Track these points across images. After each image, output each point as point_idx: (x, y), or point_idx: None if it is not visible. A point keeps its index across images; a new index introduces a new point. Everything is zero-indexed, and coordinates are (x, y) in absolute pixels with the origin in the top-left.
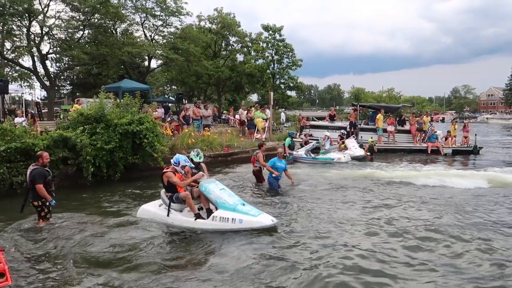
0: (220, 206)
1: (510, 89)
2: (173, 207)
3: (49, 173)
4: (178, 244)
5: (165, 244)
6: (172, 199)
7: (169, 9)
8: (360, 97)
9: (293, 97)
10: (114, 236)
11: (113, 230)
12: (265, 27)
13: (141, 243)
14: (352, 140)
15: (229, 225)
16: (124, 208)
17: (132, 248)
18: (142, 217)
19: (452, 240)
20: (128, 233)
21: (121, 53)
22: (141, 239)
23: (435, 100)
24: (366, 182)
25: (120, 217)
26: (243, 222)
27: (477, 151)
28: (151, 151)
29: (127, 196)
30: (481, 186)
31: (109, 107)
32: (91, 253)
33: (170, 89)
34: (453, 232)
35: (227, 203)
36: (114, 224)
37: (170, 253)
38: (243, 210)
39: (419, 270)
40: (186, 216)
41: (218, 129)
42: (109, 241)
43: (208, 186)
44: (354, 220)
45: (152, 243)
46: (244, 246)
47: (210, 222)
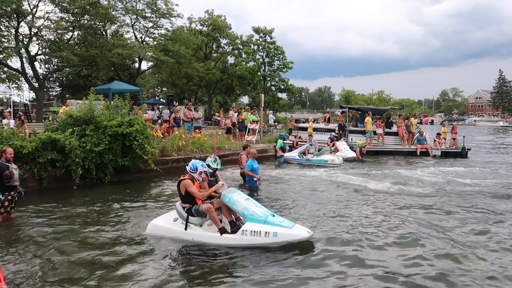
0: (249, 219)
1: (497, 92)
2: (192, 221)
3: (8, 167)
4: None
5: (177, 262)
6: (190, 211)
7: (160, 11)
8: (351, 100)
9: (283, 99)
10: (100, 243)
11: (101, 235)
12: (256, 30)
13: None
14: (343, 142)
15: (262, 239)
16: (114, 212)
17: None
18: (153, 234)
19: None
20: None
21: (111, 54)
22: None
23: (424, 103)
24: (332, 186)
25: (109, 224)
26: (278, 235)
27: (465, 152)
28: (141, 153)
29: (117, 198)
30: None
31: (98, 109)
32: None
33: (161, 91)
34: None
35: (256, 215)
36: (101, 229)
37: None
38: (275, 221)
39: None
40: (208, 231)
41: (208, 131)
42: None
43: (232, 196)
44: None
45: (155, 258)
46: (274, 265)
47: (239, 237)
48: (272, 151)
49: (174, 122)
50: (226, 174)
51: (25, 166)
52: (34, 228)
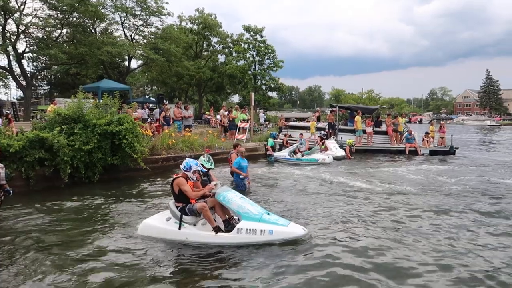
0: (244, 217)
1: (484, 91)
2: (186, 220)
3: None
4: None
5: (171, 261)
6: (184, 210)
7: (150, 9)
8: (340, 99)
9: (274, 98)
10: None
11: (90, 236)
12: (247, 28)
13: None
14: (332, 141)
15: (257, 237)
16: (104, 212)
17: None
18: (145, 234)
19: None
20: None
21: (100, 52)
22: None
23: (413, 102)
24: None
25: (99, 223)
26: (274, 233)
27: (453, 151)
28: (130, 152)
29: (106, 198)
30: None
31: (87, 107)
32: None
33: (151, 89)
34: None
35: (251, 213)
36: (91, 229)
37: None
38: (271, 219)
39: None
40: (202, 230)
41: (199, 130)
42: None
43: (227, 195)
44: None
45: (150, 258)
46: (271, 260)
47: (235, 235)
48: (263, 150)
49: (164, 120)
50: (215, 173)
51: (12, 165)
52: (21, 228)
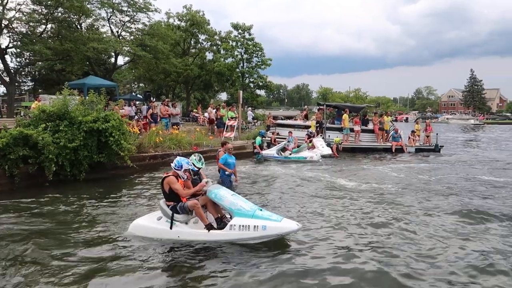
0: (236, 214)
1: (469, 90)
2: (177, 219)
3: None
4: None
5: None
6: (175, 209)
7: (137, 5)
8: (328, 97)
9: (262, 96)
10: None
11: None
12: (235, 26)
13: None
14: (320, 139)
15: (250, 233)
16: (91, 211)
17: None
18: (136, 234)
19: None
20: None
21: (86, 49)
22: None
23: (399, 101)
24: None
25: (86, 223)
26: (267, 228)
27: (438, 149)
28: (117, 150)
29: (93, 196)
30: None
31: (73, 104)
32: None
33: (138, 86)
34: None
35: (244, 209)
36: (77, 228)
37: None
38: (263, 215)
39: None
40: (194, 228)
41: (186, 128)
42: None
43: (219, 192)
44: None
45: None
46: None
47: (228, 232)
48: (251, 148)
49: (151, 118)
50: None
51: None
52: (4, 227)
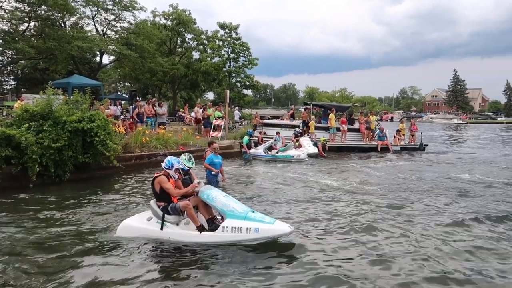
0: (228, 215)
1: (452, 90)
2: (168, 220)
3: None
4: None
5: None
6: (166, 210)
7: (122, 3)
8: (314, 97)
9: (249, 96)
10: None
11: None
12: (221, 25)
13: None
14: (306, 138)
15: (243, 235)
16: (77, 212)
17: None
18: (125, 235)
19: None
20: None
21: (70, 47)
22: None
23: (384, 100)
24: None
25: (72, 225)
26: (260, 231)
27: (423, 148)
28: (103, 150)
29: (78, 197)
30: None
31: (57, 103)
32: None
33: (123, 86)
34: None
35: (236, 211)
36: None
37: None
38: (256, 217)
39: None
40: (185, 229)
41: (173, 127)
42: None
43: (211, 193)
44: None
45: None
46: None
47: (220, 234)
48: (238, 147)
49: (137, 118)
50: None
51: None
52: None
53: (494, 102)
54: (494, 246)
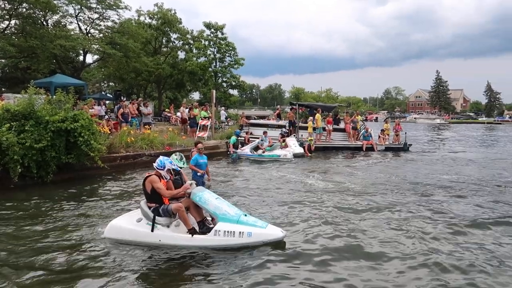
0: (221, 219)
1: (435, 91)
2: (159, 222)
3: None
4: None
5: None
6: (157, 211)
7: (106, 2)
8: (300, 97)
9: (235, 96)
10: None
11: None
12: (207, 25)
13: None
14: (292, 138)
15: (236, 240)
16: (61, 214)
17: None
18: (113, 237)
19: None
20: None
21: (53, 46)
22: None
23: (369, 101)
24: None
25: (56, 227)
26: (253, 235)
27: (407, 148)
28: (87, 150)
29: (62, 199)
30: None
31: (39, 103)
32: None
33: (108, 85)
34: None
35: (229, 214)
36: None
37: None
38: (249, 221)
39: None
40: (176, 231)
41: (159, 128)
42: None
43: (203, 195)
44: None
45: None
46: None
47: (212, 237)
48: (224, 148)
49: (122, 117)
50: None
51: None
52: None
53: (475, 103)
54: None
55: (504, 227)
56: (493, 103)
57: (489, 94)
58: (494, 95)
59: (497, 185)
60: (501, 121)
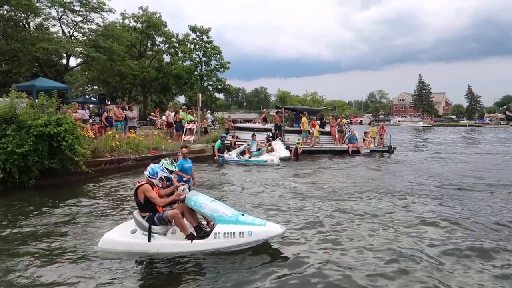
0: (219, 221)
1: (418, 94)
2: (155, 230)
3: None
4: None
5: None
6: (152, 220)
7: (90, 5)
8: (286, 100)
9: (221, 99)
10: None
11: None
12: (193, 28)
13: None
14: (278, 142)
15: (236, 240)
16: (46, 222)
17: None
18: (108, 249)
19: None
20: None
21: (35, 49)
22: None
23: (354, 104)
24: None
25: (42, 238)
26: (253, 234)
27: (391, 150)
28: (71, 155)
29: (46, 205)
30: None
31: (21, 107)
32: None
33: (92, 89)
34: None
35: (227, 215)
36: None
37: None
38: (247, 220)
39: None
40: (173, 239)
41: (144, 131)
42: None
43: (198, 198)
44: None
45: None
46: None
47: (212, 241)
48: (210, 151)
49: (106, 121)
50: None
51: None
52: None
53: (457, 106)
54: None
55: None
56: (474, 106)
57: (470, 98)
58: (475, 99)
59: (477, 186)
60: (481, 124)
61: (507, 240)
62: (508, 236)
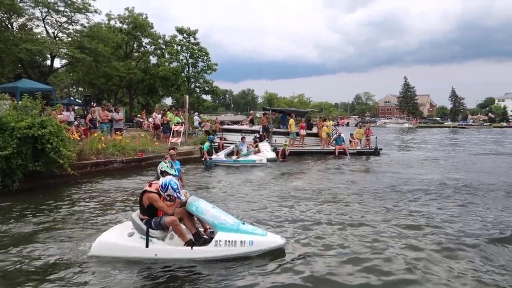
0: (220, 228)
1: (403, 96)
2: (154, 235)
3: None
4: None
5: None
6: (149, 224)
7: (75, 5)
8: (273, 102)
9: (208, 101)
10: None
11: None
12: (179, 30)
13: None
14: (265, 144)
15: (238, 249)
16: (32, 227)
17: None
18: (102, 254)
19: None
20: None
21: (18, 50)
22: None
23: (340, 106)
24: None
25: (30, 243)
26: (254, 243)
27: (377, 152)
28: (56, 157)
29: (31, 209)
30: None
31: (4, 109)
32: None
33: (77, 91)
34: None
35: (228, 223)
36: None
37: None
38: (248, 230)
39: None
40: (173, 244)
41: (130, 134)
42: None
43: (199, 204)
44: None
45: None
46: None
47: (213, 248)
48: (198, 153)
49: (91, 123)
50: (150, 177)
51: None
52: None
53: (441, 108)
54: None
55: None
56: (458, 108)
57: (453, 100)
58: (458, 101)
59: (463, 186)
60: (465, 125)
61: (497, 239)
62: (499, 234)
